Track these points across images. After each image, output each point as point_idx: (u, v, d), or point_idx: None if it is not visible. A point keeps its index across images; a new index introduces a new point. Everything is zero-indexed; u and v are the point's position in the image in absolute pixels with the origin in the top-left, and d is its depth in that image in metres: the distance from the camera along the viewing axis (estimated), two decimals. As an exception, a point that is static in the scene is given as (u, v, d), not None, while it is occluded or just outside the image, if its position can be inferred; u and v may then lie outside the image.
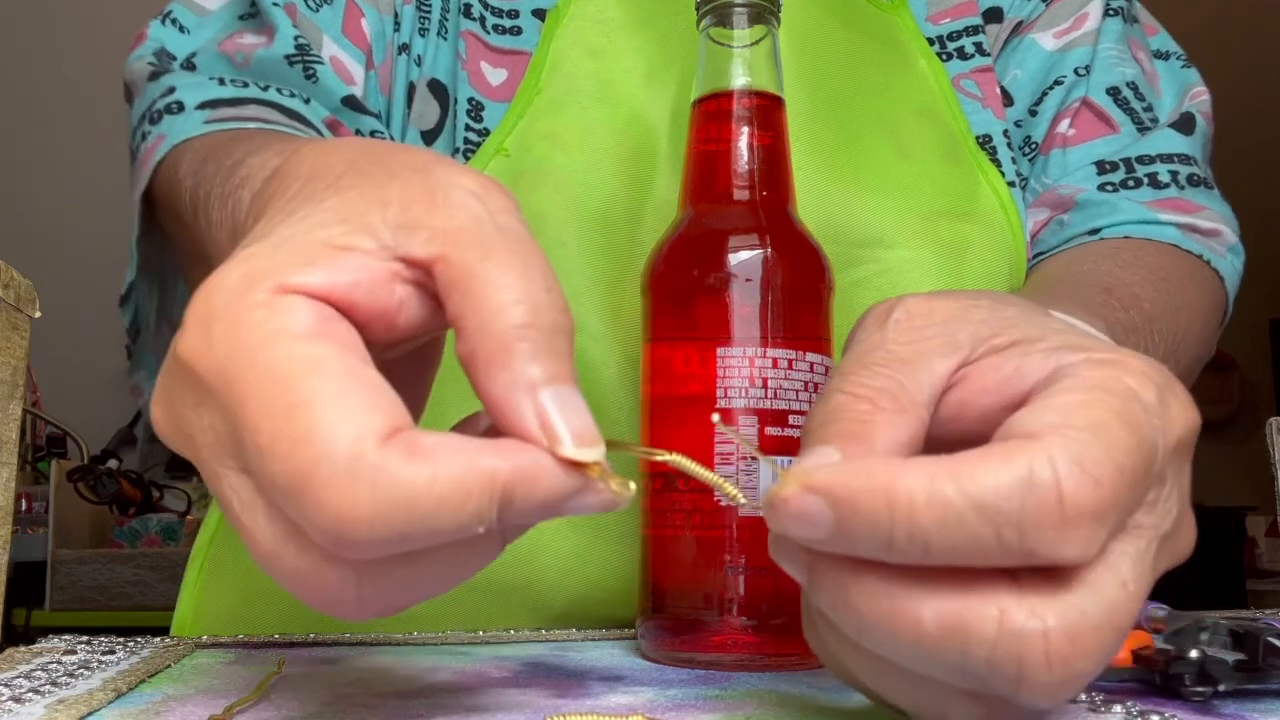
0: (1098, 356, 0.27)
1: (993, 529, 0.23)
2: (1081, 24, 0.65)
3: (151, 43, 0.60)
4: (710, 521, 0.40)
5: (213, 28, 0.61)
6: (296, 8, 0.59)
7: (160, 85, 0.56)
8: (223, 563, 0.60)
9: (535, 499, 0.24)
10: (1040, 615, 0.23)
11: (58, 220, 2.31)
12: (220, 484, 0.25)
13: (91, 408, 2.18)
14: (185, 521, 1.87)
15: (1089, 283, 0.55)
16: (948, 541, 0.23)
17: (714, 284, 0.42)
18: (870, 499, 0.24)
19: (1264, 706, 0.33)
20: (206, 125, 0.52)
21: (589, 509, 0.25)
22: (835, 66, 0.59)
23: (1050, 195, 0.62)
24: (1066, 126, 0.63)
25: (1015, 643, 0.23)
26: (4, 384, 0.40)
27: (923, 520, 0.23)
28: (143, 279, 0.56)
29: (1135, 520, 0.25)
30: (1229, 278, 0.61)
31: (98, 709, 0.32)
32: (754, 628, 0.40)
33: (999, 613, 0.23)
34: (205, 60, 0.59)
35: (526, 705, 0.33)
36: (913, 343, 0.29)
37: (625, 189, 0.54)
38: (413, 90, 0.60)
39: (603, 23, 0.58)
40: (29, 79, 2.36)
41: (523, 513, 0.24)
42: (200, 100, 0.54)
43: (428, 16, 0.61)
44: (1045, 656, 0.23)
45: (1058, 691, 0.24)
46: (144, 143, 0.54)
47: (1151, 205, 0.60)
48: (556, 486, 0.24)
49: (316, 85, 0.57)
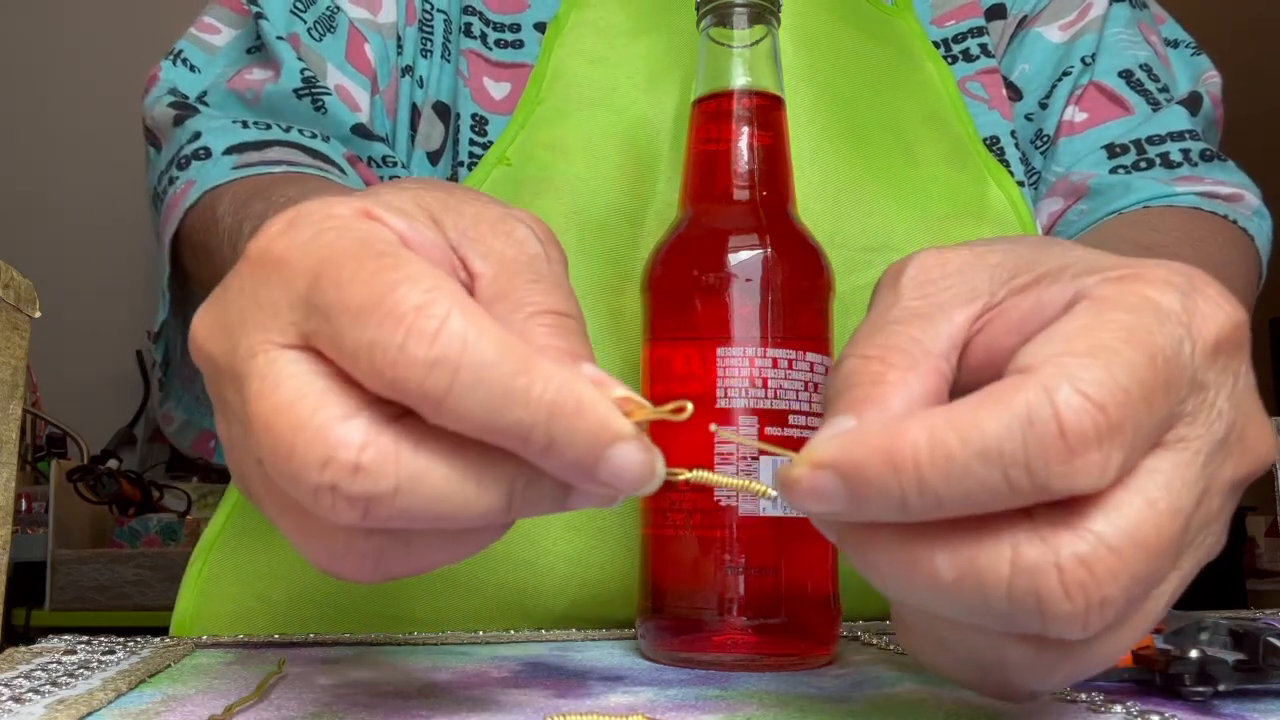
0: (1114, 274, 0.26)
1: (999, 472, 0.23)
2: (1086, 14, 0.65)
3: (165, 83, 0.61)
4: (710, 521, 0.40)
5: (220, 64, 0.62)
6: (300, 38, 0.60)
7: (186, 130, 0.57)
8: (225, 565, 0.60)
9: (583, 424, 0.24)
10: (1052, 546, 0.23)
11: (58, 220, 2.31)
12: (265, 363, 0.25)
13: (91, 408, 2.18)
14: (185, 521, 1.87)
15: (1124, 244, 0.54)
16: (959, 492, 0.23)
17: (714, 284, 0.42)
18: (876, 464, 0.24)
19: (1264, 706, 0.33)
20: (235, 171, 0.53)
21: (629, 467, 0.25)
22: (844, 70, 0.59)
23: (1063, 184, 0.62)
24: (1075, 112, 0.63)
25: (1029, 577, 0.23)
26: (4, 384, 0.40)
27: (929, 476, 0.23)
28: (172, 316, 0.58)
29: (1176, 434, 0.25)
30: (1259, 237, 0.60)
31: (98, 709, 0.32)
32: (754, 628, 0.40)
33: (1011, 551, 0.23)
34: (216, 99, 0.60)
35: (526, 705, 0.33)
36: (928, 296, 0.28)
37: (627, 194, 0.54)
38: (417, 113, 0.60)
39: (604, 30, 0.58)
40: (29, 79, 2.35)
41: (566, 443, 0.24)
42: (226, 145, 0.55)
43: (430, 38, 0.61)
44: (1061, 586, 0.23)
45: (1087, 620, 0.23)
46: (172, 187, 0.56)
47: (1167, 183, 0.60)
48: (603, 419, 0.25)
49: (326, 116, 0.58)
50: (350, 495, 0.24)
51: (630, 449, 0.25)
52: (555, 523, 0.52)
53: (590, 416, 0.24)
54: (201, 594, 0.60)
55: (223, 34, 0.63)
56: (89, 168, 2.30)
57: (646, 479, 0.26)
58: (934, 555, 0.24)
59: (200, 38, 0.63)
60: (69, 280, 2.17)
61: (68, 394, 2.15)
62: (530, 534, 0.52)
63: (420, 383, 0.23)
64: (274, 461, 0.24)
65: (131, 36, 2.30)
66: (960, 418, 0.23)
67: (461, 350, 0.24)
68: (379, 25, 0.61)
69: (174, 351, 0.61)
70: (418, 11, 0.62)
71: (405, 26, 0.61)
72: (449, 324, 0.24)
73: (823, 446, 0.25)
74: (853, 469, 0.24)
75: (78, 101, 2.34)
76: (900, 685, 0.36)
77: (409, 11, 0.61)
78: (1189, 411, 0.25)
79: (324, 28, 0.60)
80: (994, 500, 0.23)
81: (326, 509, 0.24)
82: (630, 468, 0.25)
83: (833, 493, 0.25)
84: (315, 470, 0.24)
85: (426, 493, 0.24)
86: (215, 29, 0.63)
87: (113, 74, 2.27)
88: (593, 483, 0.25)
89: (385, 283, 0.24)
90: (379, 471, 0.24)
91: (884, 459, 0.24)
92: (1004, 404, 0.23)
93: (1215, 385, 0.25)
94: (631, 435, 0.25)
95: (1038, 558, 0.23)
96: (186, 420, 0.63)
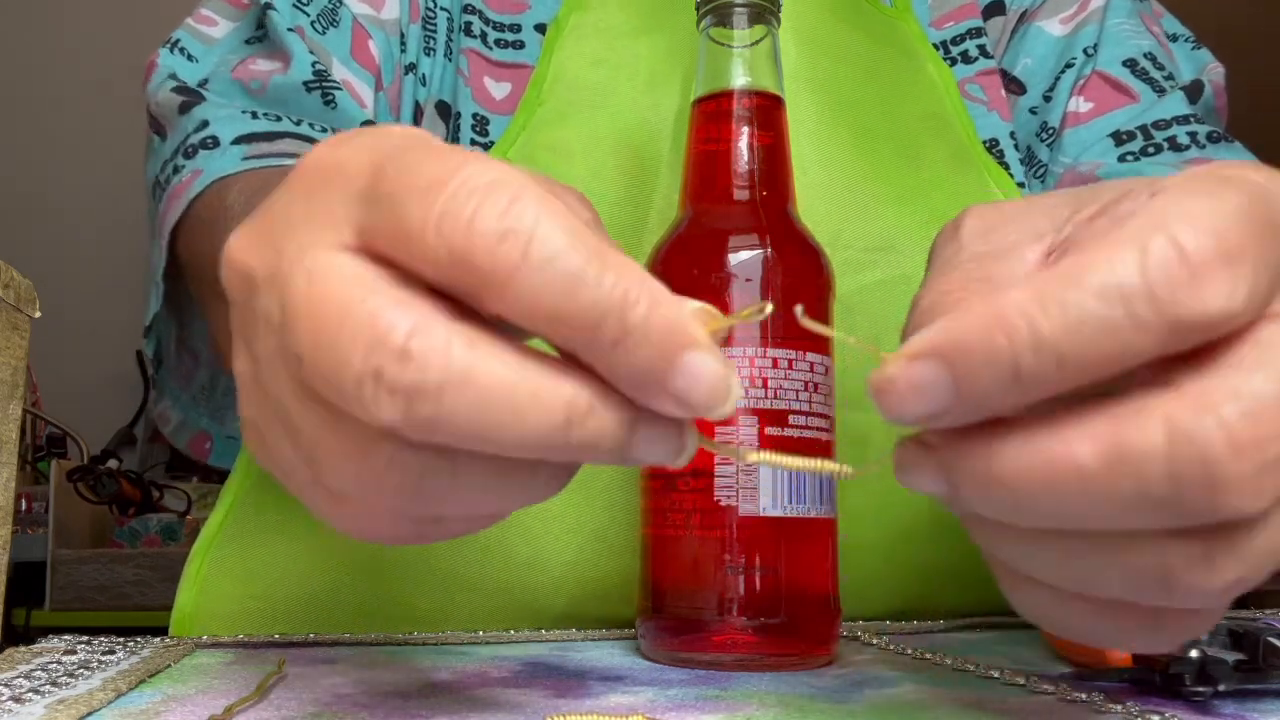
0: (1191, 170, 0.24)
1: (1122, 309, 0.21)
2: (1087, 5, 0.65)
3: (164, 69, 0.60)
4: (710, 521, 0.40)
5: (219, 53, 0.61)
6: (304, 31, 0.59)
7: (193, 119, 0.56)
8: (224, 562, 0.60)
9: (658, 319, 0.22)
10: (1209, 404, 0.21)
11: (58, 220, 2.31)
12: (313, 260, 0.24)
13: (91, 408, 2.18)
14: (185, 521, 1.87)
15: None
16: (1080, 343, 0.21)
17: (714, 284, 0.42)
18: (981, 333, 0.21)
19: (1264, 706, 0.33)
20: (245, 162, 0.52)
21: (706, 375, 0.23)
22: (847, 71, 0.59)
23: (1070, 175, 0.62)
24: (1080, 102, 0.63)
25: (1191, 445, 0.21)
26: (4, 384, 0.40)
27: (1045, 330, 0.21)
28: (164, 310, 0.57)
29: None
30: None
31: (98, 709, 0.32)
32: (754, 628, 0.40)
33: (1163, 418, 0.21)
34: (219, 87, 0.59)
35: (526, 705, 0.33)
36: (992, 242, 0.27)
37: (628, 196, 0.54)
38: (420, 111, 0.60)
39: (604, 31, 0.58)
40: (29, 79, 2.35)
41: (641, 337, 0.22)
42: (236, 135, 0.54)
43: (433, 35, 0.61)
44: (1231, 446, 0.20)
45: (1261, 483, 0.21)
46: (176, 176, 0.54)
47: (1177, 166, 0.60)
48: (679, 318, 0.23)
49: (335, 111, 0.57)
50: (394, 385, 0.22)
51: (706, 358, 0.23)
52: (555, 522, 0.52)
53: (667, 312, 0.23)
54: (200, 592, 0.59)
55: (220, 26, 0.63)
56: (89, 168, 2.30)
57: (721, 395, 0.23)
58: (1071, 445, 0.21)
59: (197, 29, 0.62)
60: (69, 280, 2.17)
61: (68, 394, 2.15)
62: (530, 533, 0.52)
63: (490, 253, 0.22)
64: (315, 350, 0.23)
65: (132, 36, 2.30)
66: (1066, 267, 0.21)
67: (535, 225, 0.22)
68: (382, 22, 0.61)
69: (166, 347, 0.60)
70: (421, 9, 0.61)
71: (409, 24, 0.61)
72: (521, 201, 0.22)
73: (917, 340, 0.22)
74: (955, 346, 0.22)
75: (78, 101, 2.34)
76: (900, 685, 0.36)
77: (413, 8, 0.61)
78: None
79: (327, 21, 0.60)
80: (1123, 349, 0.21)
81: (369, 401, 0.22)
82: (706, 376, 0.23)
83: (935, 382, 0.22)
84: (361, 355, 0.22)
85: (476, 393, 0.22)
86: (213, 21, 0.63)
87: (113, 74, 2.27)
88: (662, 394, 0.23)
89: (456, 161, 0.23)
90: (426, 361, 0.22)
91: (991, 324, 0.21)
92: (1113, 244, 0.21)
93: None
94: (707, 344, 0.23)
95: (1197, 420, 0.21)
96: (183, 419, 0.63)
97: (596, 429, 0.23)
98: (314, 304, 0.23)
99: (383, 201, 0.23)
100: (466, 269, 0.22)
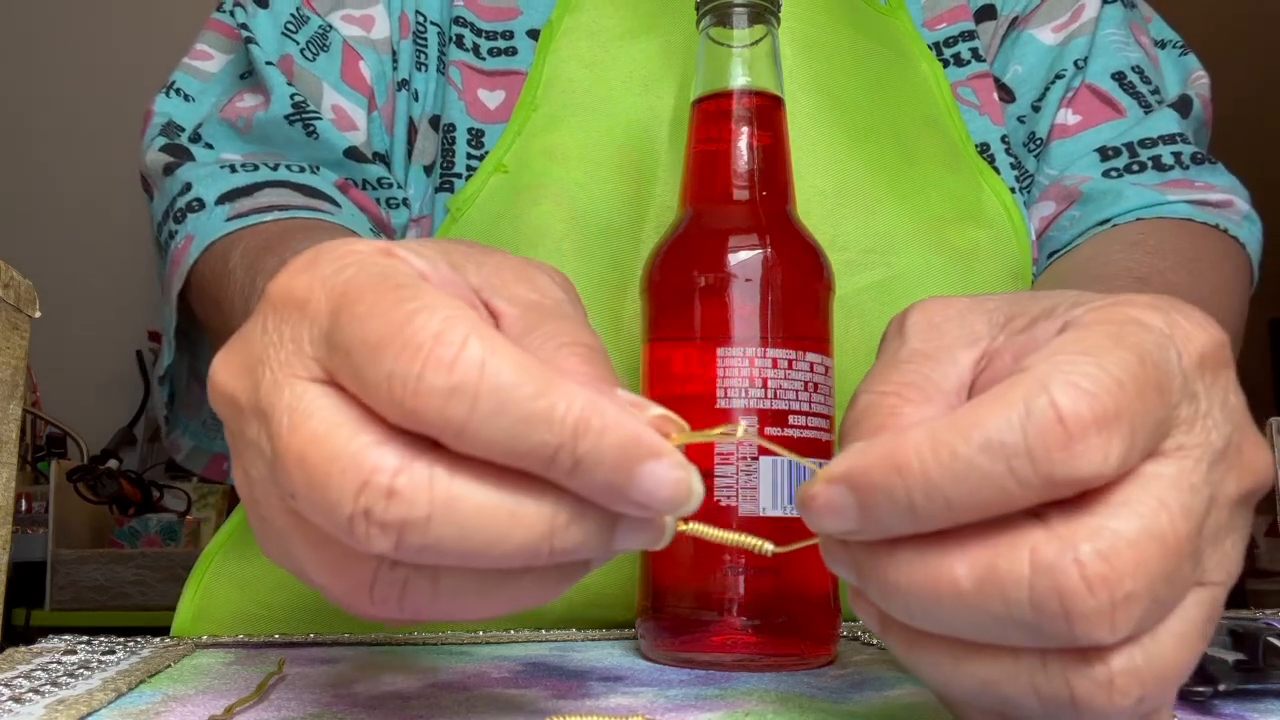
0: (1100, 302, 0.26)
1: (1003, 464, 0.23)
2: (1079, 15, 0.65)
3: (159, 118, 0.61)
4: (710, 521, 0.40)
5: (215, 92, 0.63)
6: (293, 60, 0.60)
7: (177, 181, 0.58)
8: (226, 572, 0.60)
9: (609, 442, 0.24)
10: (1069, 543, 0.23)
11: (58, 220, 2.31)
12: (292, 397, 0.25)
13: (91, 408, 2.18)
14: (185, 521, 1.87)
15: (1120, 274, 0.54)
16: (965, 490, 0.23)
17: (714, 284, 0.42)
18: (882, 470, 0.24)
19: (1264, 706, 0.33)
20: (229, 222, 0.54)
21: (664, 484, 0.24)
22: (844, 72, 0.59)
23: (1056, 187, 0.62)
24: (1068, 115, 0.63)
25: (1050, 576, 0.23)
26: (4, 384, 0.40)
27: (935, 476, 0.23)
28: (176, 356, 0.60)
29: (1175, 441, 0.25)
30: (1249, 244, 0.61)
31: (98, 709, 0.32)
32: (754, 628, 0.40)
33: (1029, 550, 0.23)
34: (211, 129, 0.61)
35: (526, 705, 0.33)
36: (932, 340, 0.29)
37: (625, 198, 0.54)
38: (414, 127, 0.60)
39: (597, 34, 0.58)
40: (30, 79, 2.35)
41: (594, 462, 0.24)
42: (218, 195, 0.56)
43: (424, 50, 0.61)
44: (1084, 581, 0.22)
45: (1115, 618, 0.23)
46: (173, 241, 0.57)
47: (1158, 188, 0.60)
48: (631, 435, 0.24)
49: (317, 142, 0.58)
50: (384, 521, 0.23)
51: (661, 466, 0.24)
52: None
53: (618, 433, 0.24)
54: (202, 599, 0.60)
55: (215, 60, 0.64)
56: (89, 168, 2.30)
57: (683, 498, 0.25)
58: (953, 565, 0.24)
59: (194, 66, 0.63)
60: (69, 280, 2.17)
61: (68, 394, 2.15)
62: None
63: (440, 411, 0.23)
64: (308, 492, 0.24)
65: (132, 36, 2.30)
66: (960, 417, 0.24)
67: (479, 376, 0.23)
68: (373, 41, 0.61)
69: (179, 384, 0.62)
70: (411, 24, 0.61)
71: (400, 40, 0.61)
72: (466, 350, 0.23)
73: (835, 464, 0.25)
74: (861, 478, 0.24)
75: (78, 102, 2.34)
76: (900, 686, 0.36)
77: (403, 25, 0.61)
78: (1184, 419, 0.25)
79: (317, 47, 0.60)
80: (1002, 497, 0.23)
81: (360, 537, 0.24)
82: (664, 485, 0.24)
83: (844, 506, 0.25)
84: (350, 497, 0.23)
85: (460, 520, 0.24)
86: (208, 55, 0.64)
87: (113, 73, 2.27)
88: (627, 504, 0.25)
89: (403, 314, 0.24)
90: (413, 496, 0.23)
91: (888, 463, 0.24)
92: (1002, 400, 0.23)
93: (1206, 396, 0.26)
94: (663, 452, 0.24)
95: (1056, 554, 0.23)
96: (195, 446, 0.65)
97: (577, 537, 0.25)
98: (302, 447, 0.24)
99: (339, 353, 0.25)
100: (421, 424, 0.24)
